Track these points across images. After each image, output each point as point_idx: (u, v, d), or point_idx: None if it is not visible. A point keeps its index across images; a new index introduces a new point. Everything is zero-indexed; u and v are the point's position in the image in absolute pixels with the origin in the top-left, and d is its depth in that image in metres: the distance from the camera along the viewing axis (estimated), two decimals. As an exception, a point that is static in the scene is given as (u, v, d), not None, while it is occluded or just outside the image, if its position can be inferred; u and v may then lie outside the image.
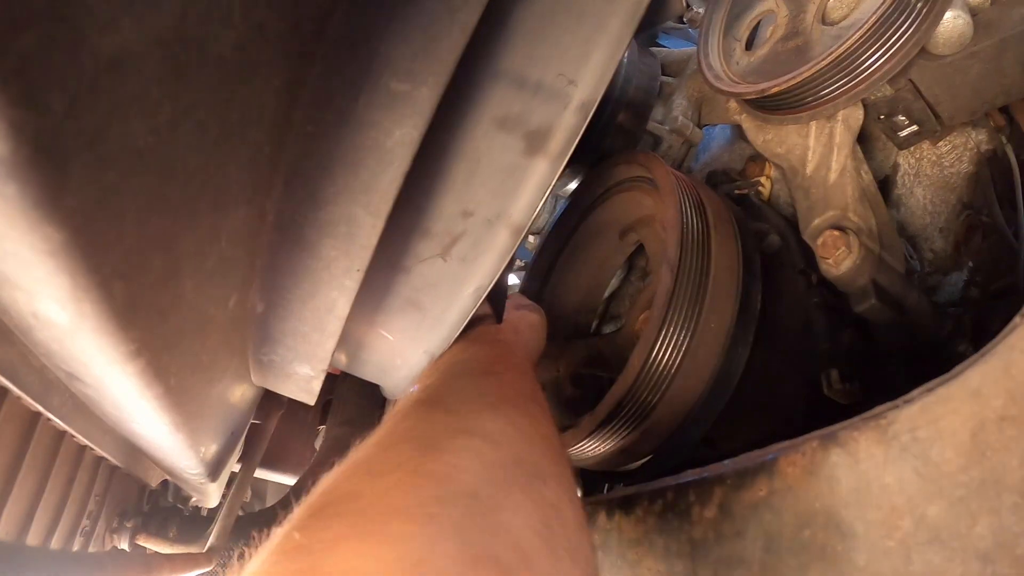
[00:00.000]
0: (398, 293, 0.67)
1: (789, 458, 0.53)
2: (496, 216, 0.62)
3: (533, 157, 0.59)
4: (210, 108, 0.42)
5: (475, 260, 0.64)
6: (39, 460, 0.84)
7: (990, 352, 0.42)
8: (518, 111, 0.58)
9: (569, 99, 0.58)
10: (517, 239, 0.63)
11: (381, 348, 0.73)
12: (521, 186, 0.61)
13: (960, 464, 0.43)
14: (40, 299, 0.38)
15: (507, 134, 0.59)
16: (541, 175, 0.60)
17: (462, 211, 0.62)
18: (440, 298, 0.67)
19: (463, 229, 0.63)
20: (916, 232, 0.93)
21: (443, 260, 0.64)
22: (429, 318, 0.68)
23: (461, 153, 0.60)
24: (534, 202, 0.62)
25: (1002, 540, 0.40)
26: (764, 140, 0.93)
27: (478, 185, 0.61)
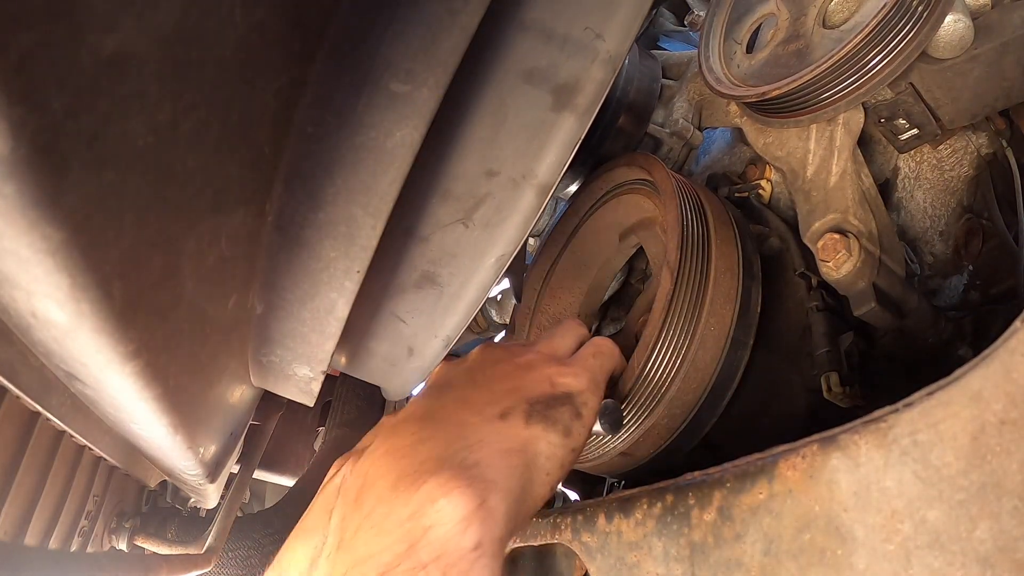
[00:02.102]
0: (414, 267, 0.64)
1: (789, 461, 0.53)
2: (522, 176, 0.59)
3: (561, 112, 0.57)
4: (210, 108, 0.42)
5: (499, 225, 0.61)
6: (38, 460, 0.84)
7: (991, 356, 0.42)
8: (545, 64, 0.56)
9: (596, 53, 0.56)
10: (543, 200, 0.60)
11: (390, 337, 0.70)
12: (549, 142, 0.59)
13: (960, 468, 0.42)
14: (39, 298, 0.38)
15: (534, 88, 0.57)
16: (569, 131, 0.58)
17: (486, 171, 0.59)
18: (460, 270, 0.63)
19: (487, 191, 0.60)
20: (916, 235, 0.93)
21: (464, 226, 0.61)
22: (447, 295, 0.65)
23: (486, 108, 0.58)
24: (562, 160, 0.59)
25: (1002, 544, 0.40)
26: (764, 143, 0.93)
27: (504, 142, 0.58)
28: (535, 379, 0.66)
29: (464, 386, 0.66)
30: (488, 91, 0.57)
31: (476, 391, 0.64)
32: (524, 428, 0.60)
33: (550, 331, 0.78)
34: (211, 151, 0.44)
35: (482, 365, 0.69)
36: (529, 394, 0.63)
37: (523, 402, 0.62)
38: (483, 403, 0.62)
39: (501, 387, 0.64)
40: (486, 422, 0.59)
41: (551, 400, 0.64)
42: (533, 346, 0.73)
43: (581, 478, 1.24)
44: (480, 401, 0.62)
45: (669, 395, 0.80)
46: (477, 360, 0.71)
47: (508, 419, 0.60)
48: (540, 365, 0.68)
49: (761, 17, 0.95)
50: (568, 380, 0.66)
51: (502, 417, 0.60)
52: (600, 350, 0.74)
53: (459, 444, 0.56)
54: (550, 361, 0.69)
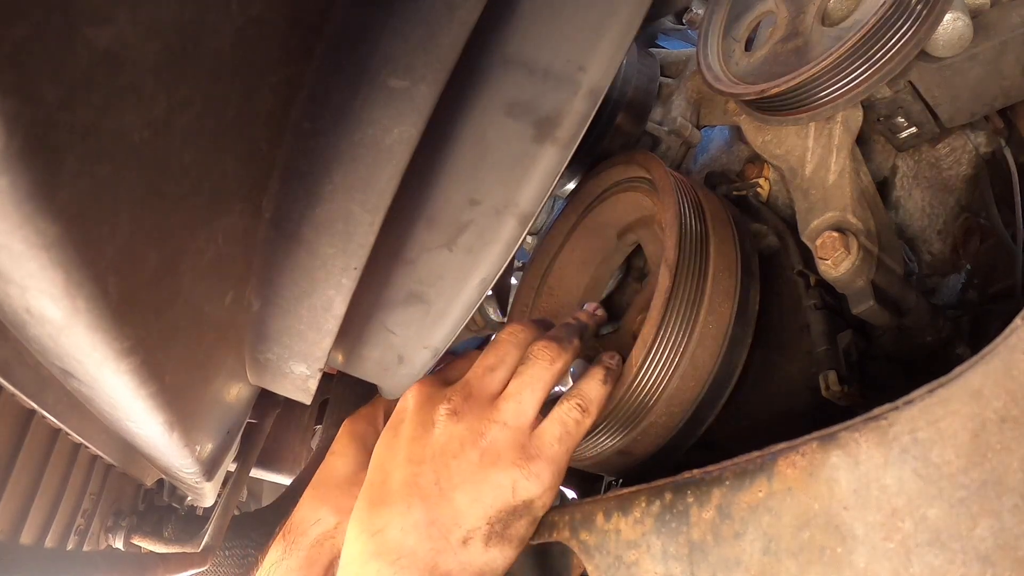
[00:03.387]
0: (401, 286, 0.66)
1: (788, 459, 0.53)
2: (504, 205, 0.61)
3: (543, 144, 0.59)
4: (206, 103, 0.42)
5: (482, 250, 0.63)
6: (33, 458, 0.83)
7: (991, 353, 0.42)
8: (527, 97, 0.58)
9: (579, 85, 0.57)
10: (524, 229, 0.62)
11: (381, 345, 0.72)
12: (530, 174, 0.60)
13: (960, 465, 0.42)
14: (33, 294, 0.38)
15: (516, 120, 0.58)
16: (550, 162, 0.60)
17: (469, 200, 0.61)
18: (445, 290, 0.66)
19: (470, 218, 0.62)
20: (914, 234, 0.93)
21: (449, 251, 0.63)
22: (433, 312, 0.67)
23: (469, 140, 0.59)
24: (543, 190, 0.61)
25: (1003, 542, 0.40)
26: (763, 141, 0.92)
27: (486, 173, 0.60)
28: (497, 484, 0.69)
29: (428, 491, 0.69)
30: (470, 124, 0.59)
31: (440, 505, 0.68)
32: (483, 552, 0.67)
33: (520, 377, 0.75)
34: (207, 146, 0.44)
35: (443, 455, 0.70)
36: (489, 511, 0.68)
37: (484, 523, 0.68)
38: (449, 523, 0.67)
39: (464, 498, 0.68)
40: (451, 550, 0.67)
41: (511, 515, 0.69)
42: (498, 412, 0.72)
43: (579, 476, 1.24)
44: (446, 520, 0.67)
45: (667, 393, 0.80)
46: (440, 448, 0.71)
47: (468, 545, 0.67)
48: (504, 457, 0.70)
49: (760, 15, 0.94)
50: (530, 485, 0.69)
51: (464, 543, 0.67)
52: (567, 430, 0.73)
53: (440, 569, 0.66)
54: (514, 449, 0.70)
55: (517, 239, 0.63)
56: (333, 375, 1.65)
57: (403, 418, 0.75)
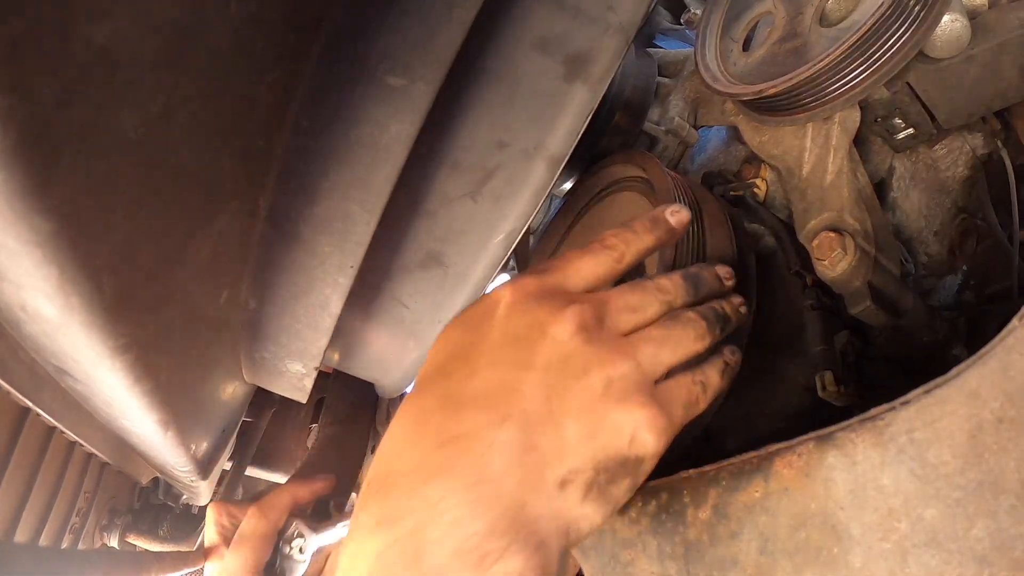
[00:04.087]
0: (419, 245, 0.61)
1: (785, 459, 0.53)
2: (534, 147, 0.58)
3: (573, 82, 0.56)
4: (203, 100, 0.42)
5: (510, 198, 0.59)
6: (28, 456, 0.83)
7: (988, 354, 0.42)
8: (558, 32, 0.55)
9: (608, 23, 0.56)
10: (555, 173, 0.59)
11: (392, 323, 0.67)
12: (561, 113, 0.57)
13: (957, 466, 0.42)
14: (28, 291, 0.38)
15: (547, 57, 0.56)
16: (581, 102, 0.57)
17: (497, 142, 0.58)
18: (467, 249, 0.61)
19: (498, 162, 0.58)
20: (911, 235, 0.93)
21: (473, 200, 0.58)
22: (452, 275, 0.63)
23: (498, 76, 0.56)
24: (574, 132, 0.58)
25: (999, 542, 0.40)
26: (760, 141, 0.92)
27: (516, 113, 0.57)
28: (617, 426, 0.54)
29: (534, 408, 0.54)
30: (500, 59, 0.56)
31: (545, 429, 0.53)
32: (579, 504, 0.53)
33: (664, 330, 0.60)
34: (204, 144, 0.44)
35: (562, 369, 0.55)
36: (600, 453, 0.53)
37: (590, 467, 0.53)
38: (550, 455, 0.53)
39: (574, 431, 0.53)
40: (545, 489, 0.52)
41: (619, 467, 0.54)
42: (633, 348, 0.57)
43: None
44: (547, 450, 0.53)
45: (664, 393, 0.80)
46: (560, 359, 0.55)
47: (566, 490, 0.52)
48: (632, 399, 0.55)
49: (758, 15, 0.94)
50: (649, 438, 0.54)
51: (561, 486, 0.52)
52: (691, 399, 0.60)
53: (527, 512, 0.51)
54: (644, 393, 0.55)
55: (547, 185, 0.59)
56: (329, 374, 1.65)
57: (494, 311, 0.57)
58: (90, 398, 0.56)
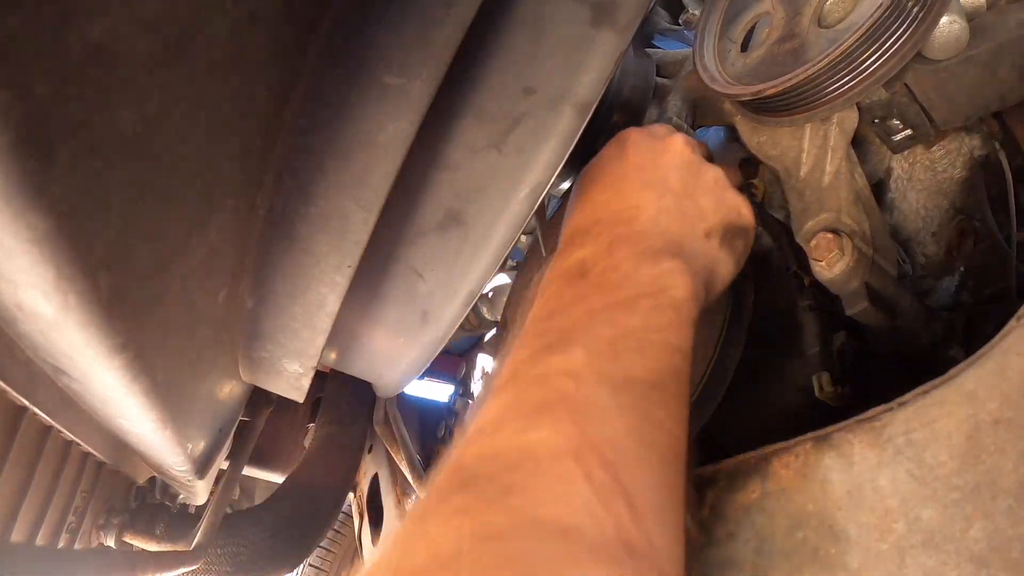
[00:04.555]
0: (439, 203, 0.60)
1: (782, 460, 0.53)
2: (561, 94, 0.57)
3: (600, 28, 0.55)
4: (200, 98, 0.42)
5: (536, 148, 0.58)
6: (24, 456, 0.83)
7: (985, 355, 0.42)
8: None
9: None
10: (583, 121, 0.58)
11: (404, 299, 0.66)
12: (588, 59, 0.56)
13: (954, 467, 0.42)
14: (24, 290, 0.38)
15: (574, 1, 0.55)
16: (609, 48, 0.56)
17: (523, 88, 0.57)
18: (489, 206, 0.60)
19: (524, 110, 0.57)
20: (909, 236, 0.93)
21: (498, 151, 0.58)
22: (472, 238, 0.62)
23: (526, 20, 0.55)
24: (602, 79, 0.57)
25: (996, 543, 0.40)
26: (758, 142, 0.92)
27: (543, 58, 0.56)
28: (730, 201, 0.76)
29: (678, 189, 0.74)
30: (526, 3, 0.55)
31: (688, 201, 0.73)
32: (718, 249, 0.73)
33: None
34: (201, 142, 0.44)
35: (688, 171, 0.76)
36: (724, 218, 0.75)
37: (720, 226, 0.74)
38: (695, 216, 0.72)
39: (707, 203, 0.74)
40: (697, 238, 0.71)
41: (735, 230, 0.76)
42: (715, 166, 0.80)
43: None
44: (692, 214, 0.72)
45: (661, 394, 0.80)
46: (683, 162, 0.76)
47: (710, 239, 0.72)
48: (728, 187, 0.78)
49: (756, 16, 0.94)
50: (748, 214, 0.77)
51: (707, 235, 0.72)
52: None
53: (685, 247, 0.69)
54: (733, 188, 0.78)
55: (575, 133, 0.58)
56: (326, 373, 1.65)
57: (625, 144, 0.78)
58: (87, 397, 0.56)
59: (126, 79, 0.35)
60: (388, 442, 1.69)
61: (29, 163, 0.31)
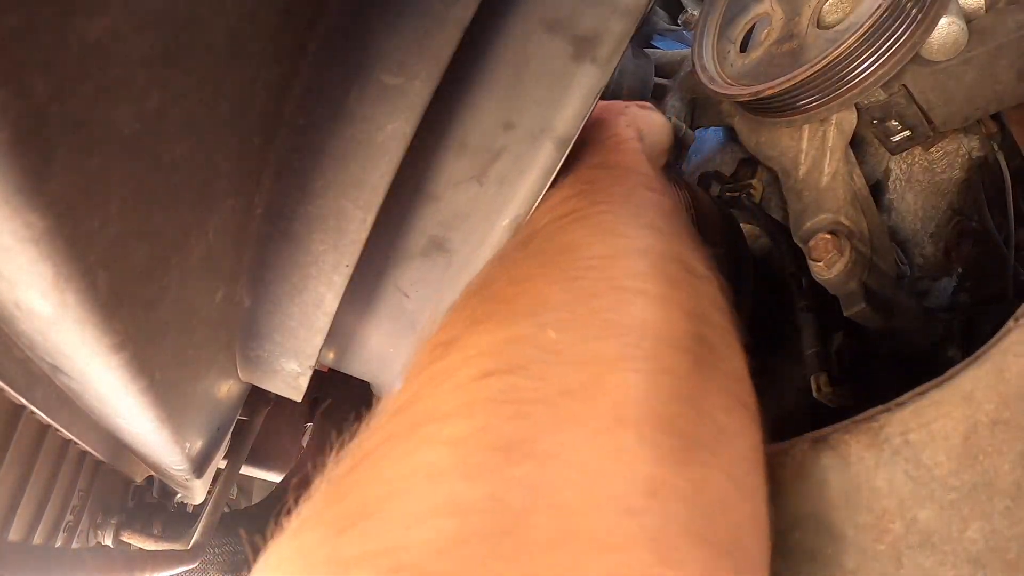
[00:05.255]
0: (422, 231, 0.62)
1: (779, 460, 0.53)
2: (541, 129, 0.57)
3: (581, 63, 0.56)
4: (199, 97, 0.42)
5: (515, 181, 0.59)
6: (22, 454, 0.83)
7: (983, 356, 0.42)
8: (567, 13, 0.55)
9: (615, 4, 0.55)
10: (562, 155, 0.59)
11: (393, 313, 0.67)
12: (569, 94, 0.57)
13: (952, 468, 0.42)
14: (22, 288, 0.38)
15: (555, 37, 0.56)
16: (590, 82, 0.57)
17: (504, 123, 0.58)
18: (472, 234, 0.62)
19: (504, 144, 0.58)
20: (907, 237, 0.93)
21: (479, 184, 0.59)
22: (456, 263, 0.63)
23: (506, 56, 0.56)
24: (582, 113, 0.58)
25: (994, 544, 0.40)
26: (757, 143, 0.93)
27: (523, 93, 0.57)
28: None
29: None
30: (509, 38, 0.56)
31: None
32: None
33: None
34: (199, 141, 0.44)
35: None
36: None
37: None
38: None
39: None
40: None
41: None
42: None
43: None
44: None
45: (659, 394, 0.80)
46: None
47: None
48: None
49: (755, 17, 0.94)
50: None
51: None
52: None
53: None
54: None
55: (554, 168, 0.59)
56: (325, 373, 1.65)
57: None
58: (84, 396, 0.56)
59: (125, 77, 0.35)
60: (386, 442, 1.68)
61: (27, 161, 0.31)
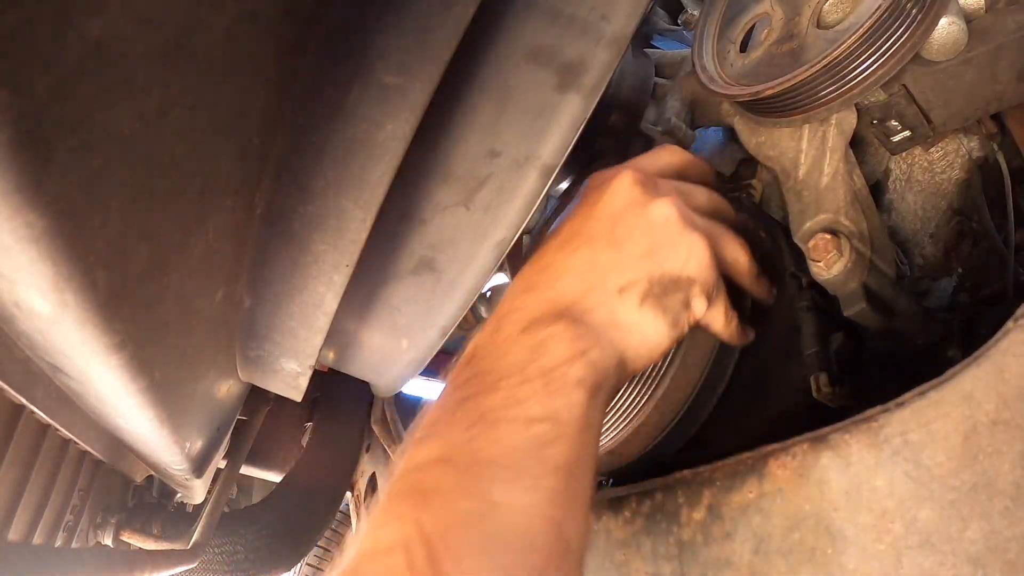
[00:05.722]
0: (412, 252, 0.63)
1: (779, 460, 0.53)
2: (526, 157, 0.58)
3: (566, 92, 0.57)
4: (199, 96, 0.42)
5: (501, 207, 0.60)
6: (22, 453, 0.83)
7: (983, 356, 0.42)
8: (551, 43, 0.56)
9: (601, 33, 0.56)
10: (546, 182, 0.59)
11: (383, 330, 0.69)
12: (553, 123, 0.58)
13: (952, 468, 0.42)
14: (22, 288, 0.38)
15: (539, 67, 0.56)
16: (574, 111, 0.58)
17: (489, 151, 0.58)
18: (459, 256, 0.63)
19: (489, 172, 0.59)
20: (907, 237, 0.93)
21: (465, 208, 0.60)
22: (444, 282, 0.64)
23: (491, 86, 0.57)
24: (566, 141, 0.58)
25: (993, 544, 0.40)
26: (757, 143, 0.92)
27: (508, 122, 0.58)
28: (668, 249, 0.65)
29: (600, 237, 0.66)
30: (493, 69, 0.57)
31: (608, 251, 0.65)
32: (635, 309, 0.63)
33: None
34: (199, 141, 0.44)
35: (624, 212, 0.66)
36: (656, 269, 0.64)
37: (645, 279, 0.64)
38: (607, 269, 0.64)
39: (634, 250, 0.65)
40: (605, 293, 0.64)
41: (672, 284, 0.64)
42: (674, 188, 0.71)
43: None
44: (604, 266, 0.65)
45: (658, 393, 0.80)
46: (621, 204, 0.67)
47: (625, 294, 0.63)
48: (682, 228, 0.66)
49: (755, 17, 0.94)
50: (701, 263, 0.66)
51: (620, 291, 0.63)
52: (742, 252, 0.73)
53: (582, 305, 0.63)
54: (697, 226, 0.67)
55: (538, 194, 0.60)
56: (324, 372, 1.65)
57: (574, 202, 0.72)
58: (84, 395, 0.56)
59: (125, 77, 0.35)
60: (386, 441, 1.69)
61: (27, 160, 0.31)
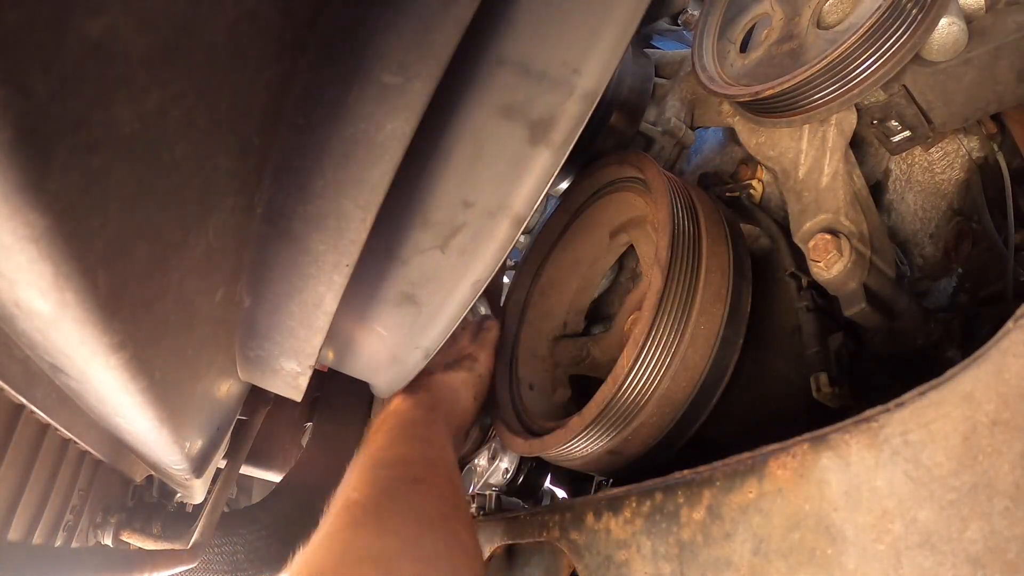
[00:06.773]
0: (393, 286, 0.67)
1: (779, 460, 0.53)
2: (498, 207, 0.61)
3: (537, 146, 0.59)
4: (199, 96, 0.42)
5: (474, 252, 0.64)
6: (22, 453, 0.83)
7: (982, 356, 0.42)
8: (522, 99, 0.58)
9: (573, 88, 0.57)
10: (518, 231, 0.63)
11: (373, 344, 0.72)
12: (524, 176, 0.60)
13: (951, 468, 0.42)
14: (22, 287, 0.38)
15: (511, 122, 0.58)
16: (544, 165, 0.60)
17: (463, 201, 0.62)
18: (437, 292, 0.66)
19: (464, 220, 0.62)
20: (907, 237, 0.93)
21: (441, 252, 0.64)
22: (425, 314, 0.68)
23: (464, 141, 0.60)
24: (537, 193, 0.61)
25: (993, 545, 0.40)
26: (757, 143, 0.93)
27: (480, 174, 0.60)
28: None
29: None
30: (465, 124, 0.59)
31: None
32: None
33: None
34: (199, 141, 0.44)
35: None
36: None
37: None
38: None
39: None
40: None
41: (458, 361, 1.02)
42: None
43: (569, 476, 1.23)
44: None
45: (658, 393, 0.80)
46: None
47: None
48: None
49: (755, 17, 0.94)
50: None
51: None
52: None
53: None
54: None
55: (510, 241, 0.63)
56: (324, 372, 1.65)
57: None
58: (84, 395, 0.56)
59: (125, 77, 0.35)
60: (385, 441, 1.68)
61: (27, 160, 0.31)
